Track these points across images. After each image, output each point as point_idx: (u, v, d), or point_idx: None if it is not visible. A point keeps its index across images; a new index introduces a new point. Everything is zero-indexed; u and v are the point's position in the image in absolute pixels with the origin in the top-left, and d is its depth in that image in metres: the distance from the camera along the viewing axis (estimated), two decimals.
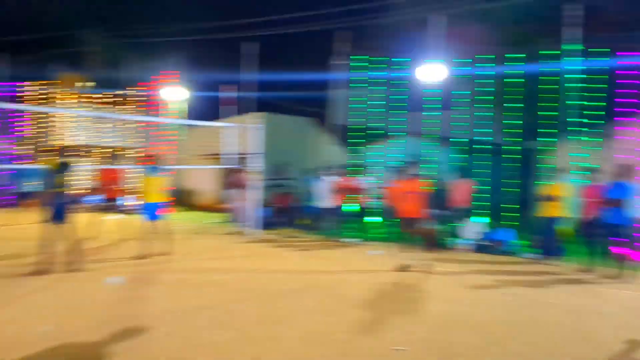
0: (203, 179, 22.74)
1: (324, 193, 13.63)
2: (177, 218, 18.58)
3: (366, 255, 11.43)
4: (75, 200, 9.92)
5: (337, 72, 19.15)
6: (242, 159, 19.19)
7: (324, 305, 6.97)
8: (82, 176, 18.38)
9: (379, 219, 15.44)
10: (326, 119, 23.04)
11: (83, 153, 23.77)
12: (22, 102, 24.47)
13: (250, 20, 21.20)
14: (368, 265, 10.19)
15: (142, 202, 10.76)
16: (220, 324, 5.97)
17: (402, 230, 9.76)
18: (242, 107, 20.82)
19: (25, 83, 24.29)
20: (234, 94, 21.28)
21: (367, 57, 18.40)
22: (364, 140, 18.56)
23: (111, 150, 24.90)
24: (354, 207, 13.88)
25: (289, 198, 16.84)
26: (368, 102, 18.54)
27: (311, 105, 25.47)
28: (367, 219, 13.94)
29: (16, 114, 23.72)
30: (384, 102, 18.57)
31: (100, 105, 24.52)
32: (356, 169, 15.82)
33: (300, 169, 18.06)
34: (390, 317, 6.43)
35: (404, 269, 9.44)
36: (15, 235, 12.82)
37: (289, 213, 16.40)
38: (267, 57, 25.66)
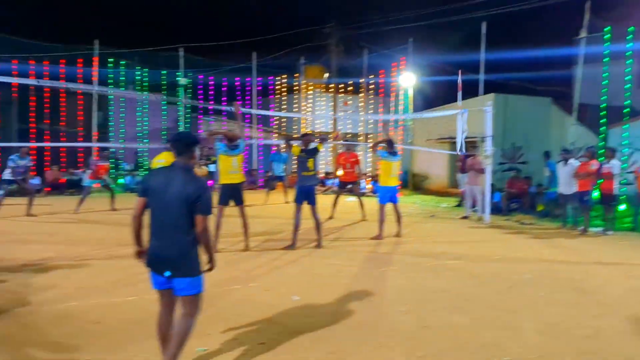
0: (435, 163, 22.85)
1: (565, 178, 12.73)
2: (409, 201, 19.01)
3: (613, 246, 10.48)
4: (320, 182, 10.82)
5: (579, 46, 17.58)
6: (474, 142, 18.88)
7: (563, 297, 6.61)
8: (322, 161, 19.75)
9: (627, 206, 13.97)
10: (567, 99, 21.39)
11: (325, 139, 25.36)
12: (270, 94, 27.14)
13: (478, 1, 20.49)
14: (615, 257, 9.34)
15: (379, 185, 11.28)
16: (454, 308, 6.03)
17: None
18: (474, 90, 20.37)
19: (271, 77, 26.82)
20: (465, 76, 20.89)
21: (611, 28, 16.58)
22: (609, 121, 16.83)
23: (349, 135, 26.31)
24: (599, 193, 12.75)
25: (523, 183, 16.08)
26: (615, 78, 16.72)
27: (551, 84, 23.88)
28: (613, 206, 12.66)
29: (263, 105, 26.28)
30: (631, 77, 16.61)
31: (340, 94, 26.03)
32: (602, 152, 14.47)
33: (538, 152, 17.09)
34: None
35: None
36: (268, 214, 14.37)
37: (523, 198, 15.70)
38: (498, 36, 24.61)
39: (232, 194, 9.06)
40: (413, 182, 23.20)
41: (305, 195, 9.44)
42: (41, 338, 4.93)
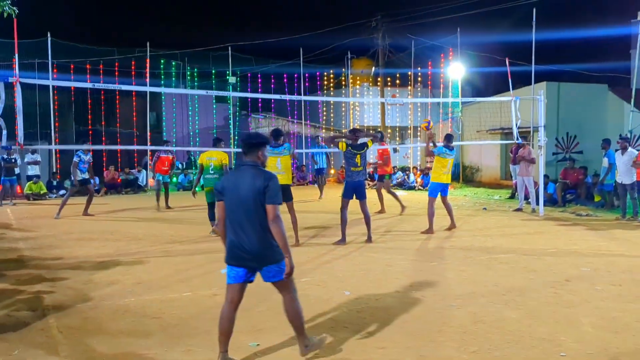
0: (486, 155, 22.45)
1: (624, 167, 12.30)
2: (460, 195, 18.75)
3: None
4: (370, 177, 10.79)
5: (637, 28, 16.89)
6: (526, 132, 18.44)
7: (622, 291, 6.41)
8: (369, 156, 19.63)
9: None
10: (625, 85, 20.63)
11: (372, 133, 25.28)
12: (317, 88, 27.20)
13: None
14: None
15: (431, 181, 11.15)
16: (508, 302, 5.94)
17: None
18: (526, 79, 19.86)
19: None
20: (516, 65, 20.39)
21: None
22: None
23: (395, 129, 26.14)
24: None
25: (578, 173, 15.60)
26: None
27: (607, 70, 23.08)
28: None
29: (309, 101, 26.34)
30: None
31: (388, 88, 25.87)
32: None
33: (594, 141, 16.58)
34: None
35: None
36: (316, 209, 14.45)
37: (578, 189, 15.24)
38: (550, 21, 23.85)
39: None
40: (464, 175, 22.87)
41: (353, 190, 9.45)
42: (102, 332, 5.12)
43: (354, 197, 9.48)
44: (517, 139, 13.57)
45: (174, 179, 23.13)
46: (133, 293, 6.41)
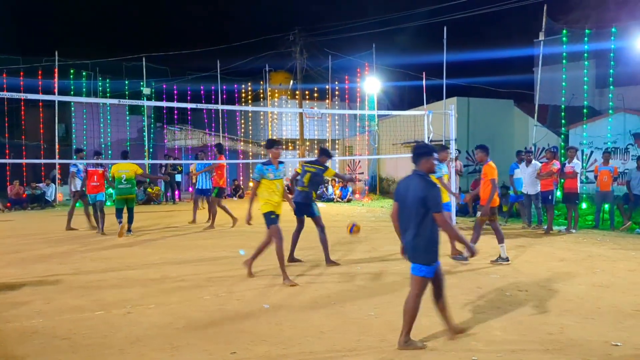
0: (401, 168, 23.06)
1: (528, 179, 13.02)
2: (377, 206, 19.15)
3: (577, 244, 10.75)
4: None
5: (538, 49, 18.01)
6: (439, 145, 19.13)
7: (529, 296, 6.74)
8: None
9: (587, 205, 14.35)
10: (529, 100, 21.89)
11: (291, 146, 25.45)
12: (235, 101, 27.03)
13: (440, 5, 20.90)
14: (579, 255, 9.59)
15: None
16: (423, 310, 6.11)
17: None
18: (438, 94, 20.67)
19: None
20: (428, 80, 21.19)
21: (567, 30, 17.06)
22: (569, 121, 17.29)
23: (314, 142, 26.39)
24: (561, 192, 13.07)
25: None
26: (573, 80, 17.20)
27: (512, 87, 24.41)
28: (576, 205, 12.93)
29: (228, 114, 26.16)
30: (587, 80, 17.10)
31: (306, 101, 26.10)
32: (564, 152, 14.85)
33: (503, 153, 17.45)
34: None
35: None
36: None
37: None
38: (460, 40, 24.99)
39: None
40: (380, 187, 23.38)
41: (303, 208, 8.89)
42: (7, 356, 4.82)
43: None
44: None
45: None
46: (41, 314, 6.08)
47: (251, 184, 25.13)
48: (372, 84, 23.02)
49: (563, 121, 17.28)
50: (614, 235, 11.95)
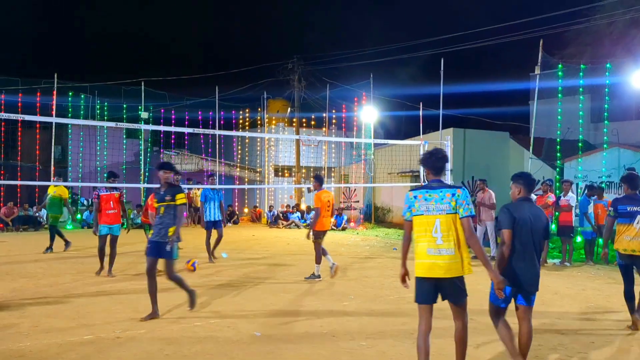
0: (397, 196, 23.10)
1: None
2: (372, 235, 19.09)
3: (571, 277, 10.71)
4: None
5: (534, 83, 18.21)
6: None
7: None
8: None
9: (582, 238, 14.32)
10: (524, 133, 22.05)
11: (287, 173, 25.49)
12: (232, 127, 27.14)
13: (438, 38, 21.22)
14: (573, 288, 9.55)
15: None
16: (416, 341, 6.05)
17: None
18: (434, 124, 20.80)
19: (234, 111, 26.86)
20: (425, 111, 21.35)
21: (563, 65, 17.29)
22: (564, 154, 17.38)
23: (310, 169, 26.42)
24: (556, 225, 13.07)
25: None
26: (569, 114, 17.37)
27: (508, 119, 24.61)
28: (571, 238, 12.91)
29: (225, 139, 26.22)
30: (583, 114, 17.27)
31: (303, 129, 26.22)
32: (559, 185, 14.89)
33: (498, 185, 17.52)
34: None
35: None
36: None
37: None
38: (459, 72, 25.28)
39: None
40: (375, 216, 23.36)
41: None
42: None
43: None
44: (424, 181, 14.01)
45: (78, 216, 22.09)
46: (29, 337, 5.99)
47: (245, 210, 24.99)
48: (369, 113, 23.17)
49: (558, 154, 17.39)
50: (608, 269, 11.92)
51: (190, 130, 16.17)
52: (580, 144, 17.01)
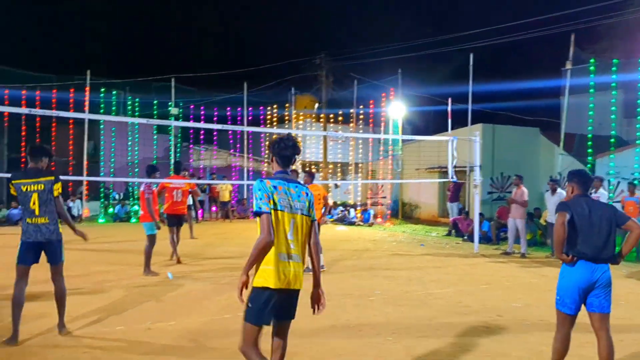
0: (425, 192, 22.98)
1: (553, 207, 12.85)
2: (399, 230, 19.06)
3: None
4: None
5: (565, 78, 17.93)
6: (463, 172, 19.06)
7: (552, 326, 6.63)
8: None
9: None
10: (555, 129, 21.71)
11: (314, 169, 25.54)
12: (260, 123, 27.30)
13: (467, 33, 21.04)
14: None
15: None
16: (441, 336, 6.05)
17: None
18: (463, 120, 20.65)
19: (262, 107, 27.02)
20: (454, 106, 21.18)
21: (595, 59, 16.98)
22: (596, 150, 17.08)
23: (337, 165, 26.46)
24: None
25: None
26: (601, 109, 17.05)
27: (538, 115, 24.26)
28: None
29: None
30: (615, 109, 16.94)
31: (330, 124, 26.26)
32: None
33: (528, 181, 17.32)
34: None
35: None
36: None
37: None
38: (487, 67, 25.01)
39: None
40: (403, 211, 23.29)
41: None
42: None
43: None
44: (453, 177, 13.94)
45: (111, 210, 22.52)
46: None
47: None
48: (397, 108, 23.07)
49: (590, 150, 17.09)
50: None
51: (219, 127, 16.30)
52: (612, 140, 16.70)
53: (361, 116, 25.96)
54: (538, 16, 18.87)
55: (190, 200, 13.95)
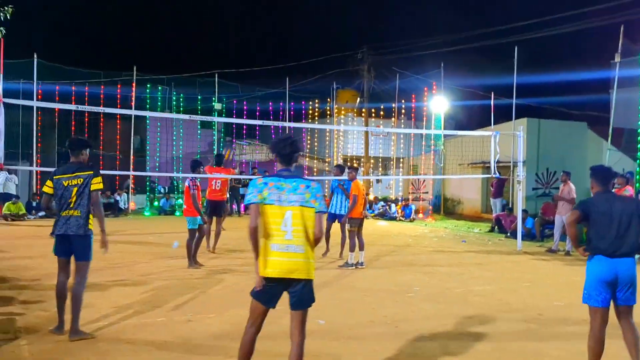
0: (467, 188, 22.69)
1: None
2: (441, 226, 18.88)
3: None
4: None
5: (614, 70, 17.36)
6: (507, 167, 18.72)
7: None
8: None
9: None
10: (603, 123, 21.09)
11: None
12: (302, 118, 27.42)
13: (512, 25, 20.59)
14: None
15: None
16: (479, 335, 5.99)
17: None
18: (508, 114, 20.26)
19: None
20: (498, 100, 20.81)
21: None
22: None
23: (378, 160, 26.36)
24: None
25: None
26: None
27: (586, 109, 23.62)
28: None
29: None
30: None
31: (372, 119, 26.17)
32: (639, 178, 14.20)
33: (575, 177, 16.89)
34: None
35: None
36: None
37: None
38: (532, 60, 24.43)
39: None
40: (445, 207, 23.05)
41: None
42: (72, 356, 5.08)
43: None
44: (495, 172, 13.71)
45: (156, 203, 23.02)
46: (107, 317, 6.37)
47: None
48: (439, 103, 22.80)
49: (639, 145, 16.53)
50: None
51: (260, 122, 16.46)
52: None
53: (403, 110, 25.78)
54: (585, 7, 18.23)
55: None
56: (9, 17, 8.17)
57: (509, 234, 15.52)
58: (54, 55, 21.40)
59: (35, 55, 19.86)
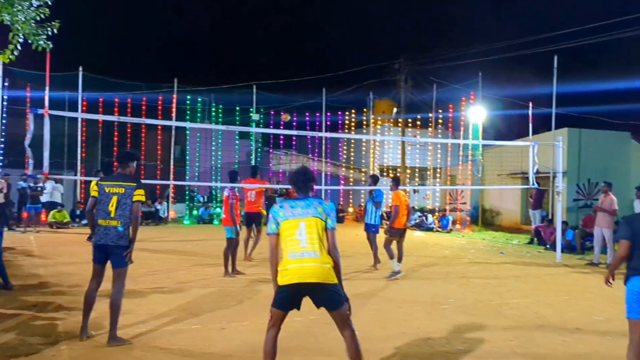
0: (507, 198, 22.36)
1: None
2: (478, 238, 18.65)
3: None
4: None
5: None
6: (547, 178, 18.40)
7: None
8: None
9: None
10: None
11: (392, 173, 25.42)
12: (338, 128, 27.50)
13: (551, 34, 20.29)
14: None
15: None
16: (514, 348, 5.92)
17: None
18: (547, 124, 19.93)
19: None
20: (537, 110, 20.48)
21: None
22: None
23: (415, 170, 26.22)
24: None
25: None
26: None
27: (629, 118, 23.06)
28: None
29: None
30: None
31: (408, 129, 26.09)
32: None
33: (617, 188, 16.48)
34: None
35: None
36: None
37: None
38: (575, 69, 23.98)
39: None
40: (483, 218, 22.75)
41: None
42: None
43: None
44: (534, 183, 13.50)
45: (195, 212, 23.40)
46: (145, 323, 6.53)
47: (350, 209, 25.26)
48: (477, 112, 22.57)
49: None
50: None
51: (296, 132, 16.63)
52: None
53: (440, 120, 25.60)
54: (626, 15, 17.84)
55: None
56: (55, 32, 8.47)
57: (548, 246, 15.24)
58: (99, 68, 22.07)
59: (80, 68, 20.53)
